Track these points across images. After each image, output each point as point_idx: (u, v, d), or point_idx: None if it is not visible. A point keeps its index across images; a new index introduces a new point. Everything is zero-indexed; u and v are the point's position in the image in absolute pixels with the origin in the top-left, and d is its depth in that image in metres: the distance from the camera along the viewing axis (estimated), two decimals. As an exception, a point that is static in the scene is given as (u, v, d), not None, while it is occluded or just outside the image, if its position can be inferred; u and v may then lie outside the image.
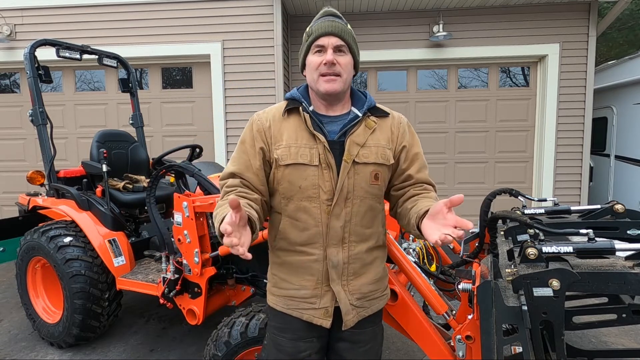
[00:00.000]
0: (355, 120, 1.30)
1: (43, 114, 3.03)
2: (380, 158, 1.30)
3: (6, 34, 5.24)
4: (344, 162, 1.26)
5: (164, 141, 5.65)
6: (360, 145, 1.28)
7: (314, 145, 1.26)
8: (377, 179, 1.31)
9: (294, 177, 1.26)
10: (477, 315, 1.30)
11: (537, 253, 1.27)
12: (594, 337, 2.88)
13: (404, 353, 2.74)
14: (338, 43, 1.26)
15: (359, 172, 1.28)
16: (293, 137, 1.28)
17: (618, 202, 1.80)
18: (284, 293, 1.34)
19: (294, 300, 1.33)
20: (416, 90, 5.92)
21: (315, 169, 1.25)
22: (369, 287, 1.35)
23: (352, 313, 1.31)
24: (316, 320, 1.31)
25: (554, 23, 5.44)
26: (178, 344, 2.92)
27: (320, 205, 1.26)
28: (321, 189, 1.26)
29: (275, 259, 1.37)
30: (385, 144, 1.32)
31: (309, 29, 1.31)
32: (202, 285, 2.23)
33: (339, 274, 1.30)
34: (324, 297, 1.30)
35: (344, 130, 1.29)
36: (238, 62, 5.22)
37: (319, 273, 1.29)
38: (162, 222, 2.45)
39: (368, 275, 1.35)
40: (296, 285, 1.32)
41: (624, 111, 5.92)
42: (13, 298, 3.69)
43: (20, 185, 5.17)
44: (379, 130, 1.33)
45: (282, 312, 1.35)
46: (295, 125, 1.30)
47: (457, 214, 1.07)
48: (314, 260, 1.29)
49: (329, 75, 1.26)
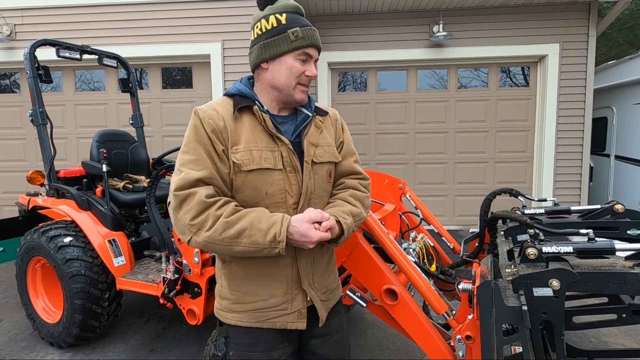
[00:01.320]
0: (307, 120, 1.29)
1: (43, 114, 3.03)
2: (332, 156, 1.32)
3: (6, 34, 5.24)
4: (305, 163, 1.24)
5: (164, 141, 5.65)
6: (315, 145, 1.28)
7: (275, 147, 1.21)
8: (330, 177, 1.33)
9: (258, 183, 1.18)
10: (477, 315, 1.30)
11: (537, 253, 1.27)
12: (594, 337, 2.88)
13: (404, 353, 2.74)
14: (317, 56, 1.28)
15: (317, 172, 1.28)
16: (252, 140, 1.18)
17: (618, 202, 1.80)
18: (249, 307, 1.26)
19: (262, 312, 1.26)
20: (416, 90, 5.92)
21: (280, 173, 1.20)
22: (329, 279, 1.38)
23: (322, 308, 1.33)
24: (290, 324, 1.28)
25: (554, 23, 5.44)
26: (178, 344, 2.92)
27: (288, 210, 1.22)
28: (288, 193, 1.22)
29: (236, 273, 1.27)
30: (332, 142, 1.35)
31: (293, 27, 1.22)
32: (202, 285, 2.23)
33: (307, 274, 1.29)
34: (295, 300, 1.28)
35: (297, 131, 1.28)
36: (238, 62, 5.22)
37: (287, 278, 1.26)
38: (162, 222, 2.45)
39: (328, 268, 1.39)
40: (263, 296, 1.25)
41: (624, 111, 5.92)
42: (13, 298, 3.69)
43: (20, 185, 5.17)
44: (325, 129, 1.35)
45: (250, 327, 1.27)
46: (250, 126, 1.20)
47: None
48: (283, 266, 1.25)
49: (306, 87, 1.27)
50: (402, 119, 5.92)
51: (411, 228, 2.43)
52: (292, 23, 1.23)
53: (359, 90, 6.06)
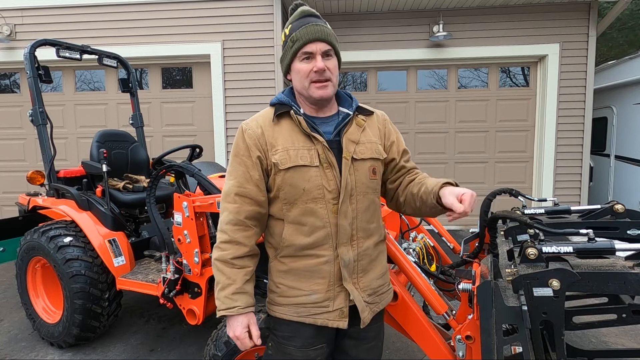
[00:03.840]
0: (347, 119, 1.33)
1: (43, 114, 3.03)
2: (375, 153, 1.34)
3: (6, 34, 5.25)
4: (344, 159, 1.27)
5: (164, 141, 5.65)
6: (355, 143, 1.31)
7: (311, 146, 1.27)
8: (375, 174, 1.35)
9: (295, 180, 1.25)
10: (477, 315, 1.30)
11: (537, 253, 1.27)
12: (594, 337, 2.88)
13: (404, 353, 2.74)
14: (325, 48, 1.27)
15: (358, 168, 1.30)
16: (289, 141, 1.27)
17: (618, 202, 1.79)
18: (293, 301, 1.30)
19: (305, 307, 1.29)
20: (416, 90, 5.92)
21: (317, 170, 1.25)
22: (377, 282, 1.37)
23: (367, 310, 1.32)
24: (332, 322, 1.29)
25: (554, 23, 5.44)
26: (178, 344, 2.92)
27: (327, 205, 1.26)
28: (325, 188, 1.26)
29: (280, 267, 1.33)
30: (376, 139, 1.37)
31: (292, 33, 1.28)
32: (202, 285, 2.23)
33: (350, 272, 1.29)
34: (337, 299, 1.29)
35: (337, 130, 1.31)
36: (238, 62, 5.22)
37: (330, 275, 1.28)
38: (162, 222, 2.45)
39: (375, 270, 1.37)
40: (306, 291, 1.29)
41: (624, 111, 5.92)
42: (13, 298, 3.69)
43: (20, 185, 5.17)
44: (368, 128, 1.37)
45: (292, 320, 1.31)
46: (288, 130, 1.29)
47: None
48: (324, 262, 1.27)
49: (320, 82, 1.26)
50: (402, 119, 5.92)
51: (411, 228, 2.43)
52: (293, 30, 1.29)
53: (359, 90, 6.06)
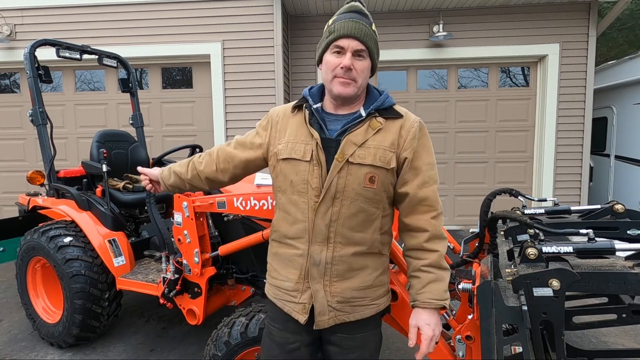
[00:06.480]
0: (358, 120, 1.26)
1: (43, 114, 3.03)
2: (378, 160, 1.22)
3: (6, 34, 5.25)
4: (335, 160, 1.23)
5: (164, 141, 5.65)
6: (357, 145, 1.23)
7: (309, 141, 1.27)
8: (373, 182, 1.23)
9: (287, 171, 1.29)
10: (477, 315, 1.30)
11: (537, 253, 1.27)
12: (594, 337, 2.88)
13: (404, 353, 2.74)
14: (358, 47, 1.22)
15: (352, 172, 1.22)
16: (294, 133, 1.31)
17: (618, 202, 1.80)
18: (274, 282, 1.38)
19: (280, 291, 1.35)
20: (416, 90, 5.92)
21: (307, 165, 1.25)
22: (352, 293, 1.28)
23: (327, 315, 1.27)
24: (295, 314, 1.31)
25: (554, 23, 5.44)
26: (178, 344, 2.92)
27: (308, 201, 1.25)
28: (309, 185, 1.25)
29: (272, 249, 1.42)
30: (388, 146, 1.24)
31: (331, 23, 1.25)
32: (202, 285, 2.23)
33: (321, 273, 1.27)
34: (304, 293, 1.29)
35: (344, 129, 1.26)
36: (238, 62, 5.22)
37: (302, 268, 1.29)
38: (162, 222, 2.45)
39: (354, 280, 1.28)
40: (283, 277, 1.34)
41: (624, 111, 5.92)
42: (13, 298, 3.69)
43: (20, 185, 5.17)
44: (385, 132, 1.25)
45: (273, 301, 1.39)
46: (298, 122, 1.33)
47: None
48: (299, 254, 1.29)
49: (343, 79, 1.22)
50: (402, 119, 5.91)
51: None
52: (335, 22, 1.26)
53: (359, 90, 6.05)
